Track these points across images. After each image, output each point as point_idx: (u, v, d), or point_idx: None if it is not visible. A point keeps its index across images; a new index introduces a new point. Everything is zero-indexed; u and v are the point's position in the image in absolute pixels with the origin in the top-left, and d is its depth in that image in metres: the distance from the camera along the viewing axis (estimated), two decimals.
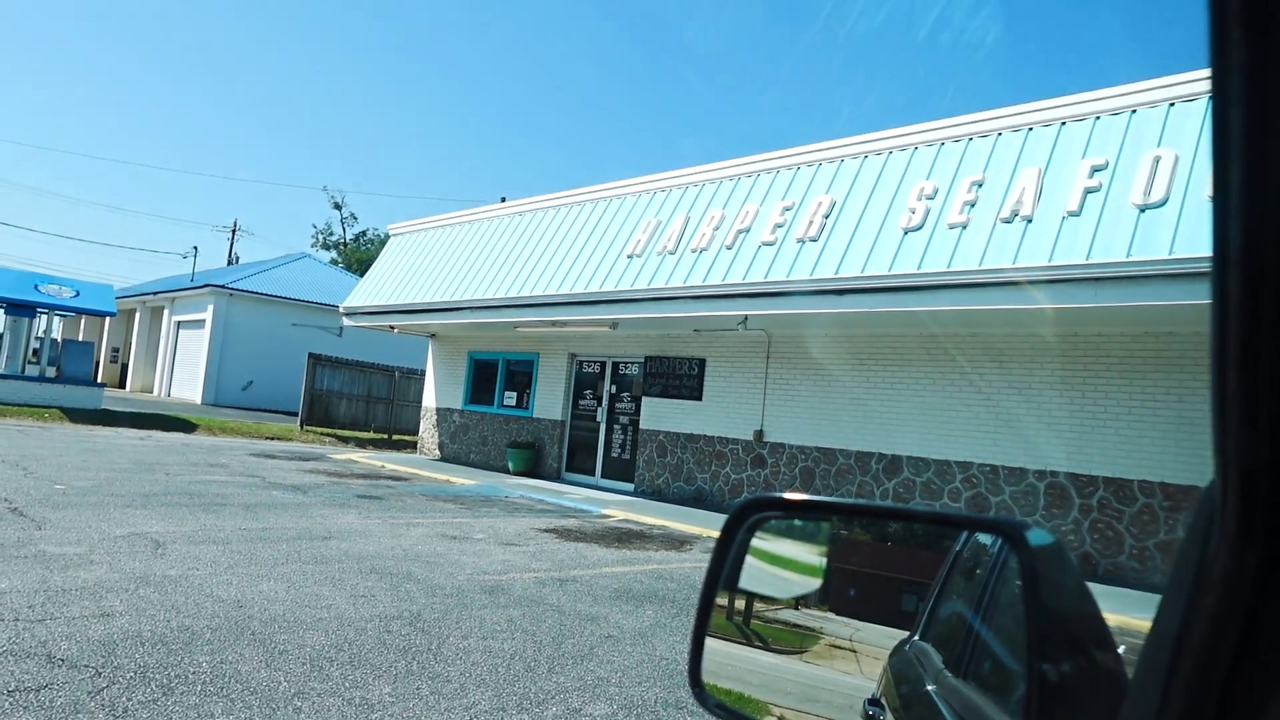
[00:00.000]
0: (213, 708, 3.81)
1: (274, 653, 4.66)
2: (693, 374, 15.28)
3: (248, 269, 37.91)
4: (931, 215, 10.53)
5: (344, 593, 6.18)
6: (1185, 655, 0.52)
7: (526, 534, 9.97)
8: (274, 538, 8.04)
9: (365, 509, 10.66)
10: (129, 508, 8.86)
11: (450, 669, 4.71)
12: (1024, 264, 9.36)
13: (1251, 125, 0.40)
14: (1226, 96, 0.40)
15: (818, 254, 11.42)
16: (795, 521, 0.99)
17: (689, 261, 13.11)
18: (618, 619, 6.24)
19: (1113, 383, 10.50)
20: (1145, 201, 8.72)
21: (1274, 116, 0.40)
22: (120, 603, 5.31)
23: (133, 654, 4.39)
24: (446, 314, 17.60)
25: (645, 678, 4.90)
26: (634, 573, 8.18)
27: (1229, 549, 0.50)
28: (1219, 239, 0.43)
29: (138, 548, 6.97)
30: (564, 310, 15.00)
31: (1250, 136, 0.40)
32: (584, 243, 15.36)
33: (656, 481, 15.56)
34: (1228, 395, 0.46)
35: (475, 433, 19.72)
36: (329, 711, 3.92)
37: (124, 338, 41.10)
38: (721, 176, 13.76)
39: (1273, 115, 0.40)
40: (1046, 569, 0.67)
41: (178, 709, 3.76)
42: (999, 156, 10.36)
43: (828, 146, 12.41)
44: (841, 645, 1.09)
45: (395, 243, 21.08)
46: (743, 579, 0.94)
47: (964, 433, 11.72)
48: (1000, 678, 0.86)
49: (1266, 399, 0.45)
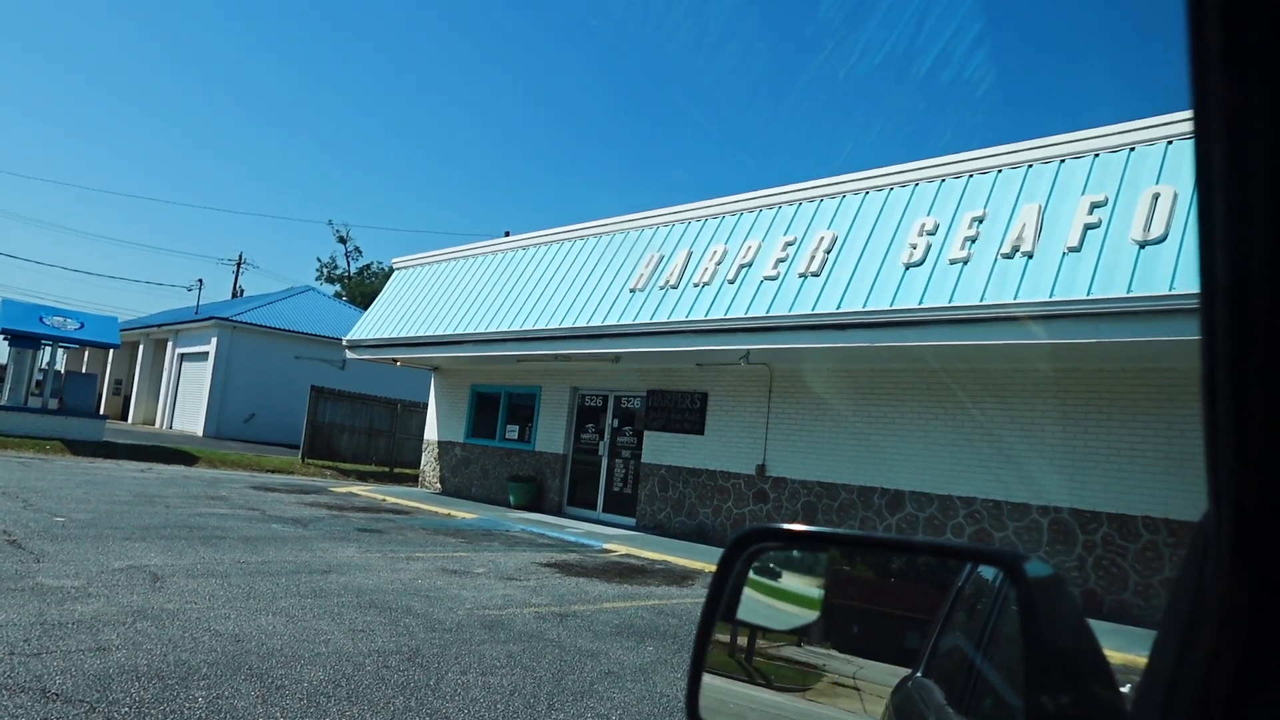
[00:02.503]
0: None
1: (271, 688, 4.61)
2: (695, 408, 15.26)
3: (252, 301, 38.07)
4: (933, 251, 10.58)
5: (342, 627, 6.13)
6: (1182, 687, 0.52)
7: (527, 568, 9.90)
8: (273, 571, 7.99)
9: (365, 543, 10.60)
10: (128, 540, 8.81)
11: (448, 705, 4.65)
12: (1025, 299, 9.38)
13: (1233, 160, 0.41)
14: (1208, 133, 0.41)
15: (820, 289, 11.46)
16: (794, 553, 0.99)
17: (691, 296, 13.16)
18: (618, 655, 6.18)
19: (1115, 418, 10.47)
20: (1145, 238, 8.77)
21: (1254, 151, 0.41)
22: (117, 636, 5.27)
23: (128, 689, 4.34)
24: (449, 347, 17.63)
25: (646, 715, 4.84)
26: (635, 608, 8.10)
27: (1224, 580, 0.50)
28: (1205, 272, 0.43)
29: (136, 581, 6.93)
30: (566, 344, 15.02)
31: (1232, 171, 0.41)
32: (587, 277, 15.43)
33: (658, 516, 15.48)
34: (1219, 427, 0.47)
35: (477, 466, 19.66)
36: None
37: (127, 370, 41.16)
38: (724, 212, 13.86)
39: (1252, 150, 0.40)
40: (1045, 601, 0.67)
41: None
42: (1000, 193, 10.43)
43: (830, 182, 12.50)
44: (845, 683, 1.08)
45: (399, 276, 21.18)
46: (741, 610, 0.94)
47: (966, 468, 11.67)
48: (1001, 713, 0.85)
49: (1257, 430, 0.46)
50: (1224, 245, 0.42)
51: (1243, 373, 0.45)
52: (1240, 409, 0.46)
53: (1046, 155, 10.21)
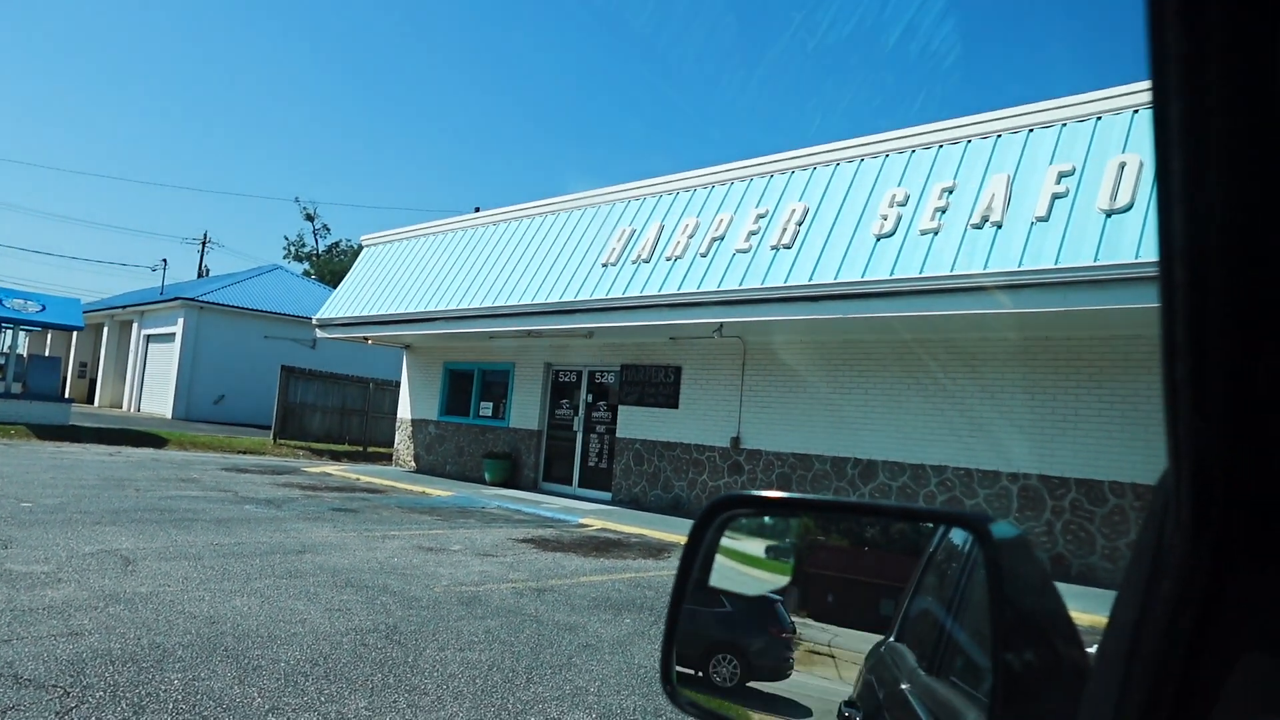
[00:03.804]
0: None
1: (247, 669, 4.59)
2: (669, 382, 15.29)
3: (218, 281, 37.51)
4: (903, 222, 10.63)
5: (319, 607, 6.12)
6: (1144, 640, 0.53)
7: (503, 545, 9.92)
8: (247, 553, 7.94)
9: (340, 522, 10.56)
10: (98, 524, 8.71)
11: (427, 681, 4.67)
12: (994, 269, 9.47)
13: (1189, 116, 0.41)
14: (1165, 91, 0.41)
15: (792, 261, 11.49)
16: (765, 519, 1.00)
17: (664, 270, 13.14)
18: (596, 628, 6.22)
19: (1083, 385, 10.63)
20: (1111, 207, 8.86)
21: (1210, 109, 0.41)
22: (89, 621, 5.22)
23: (102, 673, 4.31)
24: (421, 325, 17.50)
25: (624, 686, 4.88)
26: (612, 581, 8.15)
27: (1184, 536, 0.51)
28: (1164, 229, 0.44)
29: (107, 565, 6.85)
30: (539, 320, 14.97)
31: (1189, 127, 0.41)
32: (559, 252, 15.35)
33: (634, 490, 15.54)
34: (1177, 384, 0.47)
35: (451, 444, 19.60)
36: None
37: (92, 352, 40.47)
38: (696, 184, 13.81)
39: (1209, 105, 0.41)
40: (1011, 562, 0.68)
41: None
42: (969, 163, 10.48)
43: (801, 154, 12.50)
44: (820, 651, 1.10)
45: (368, 253, 20.95)
46: (714, 577, 0.95)
47: (938, 437, 11.81)
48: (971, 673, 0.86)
49: (1215, 387, 0.46)
50: (1182, 204, 0.42)
51: (1200, 330, 0.45)
52: (1198, 367, 0.46)
53: (1015, 125, 10.27)
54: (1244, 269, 0.43)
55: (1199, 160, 0.41)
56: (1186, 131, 0.41)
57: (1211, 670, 0.51)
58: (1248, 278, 0.43)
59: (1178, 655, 0.52)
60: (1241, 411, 0.47)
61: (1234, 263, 0.43)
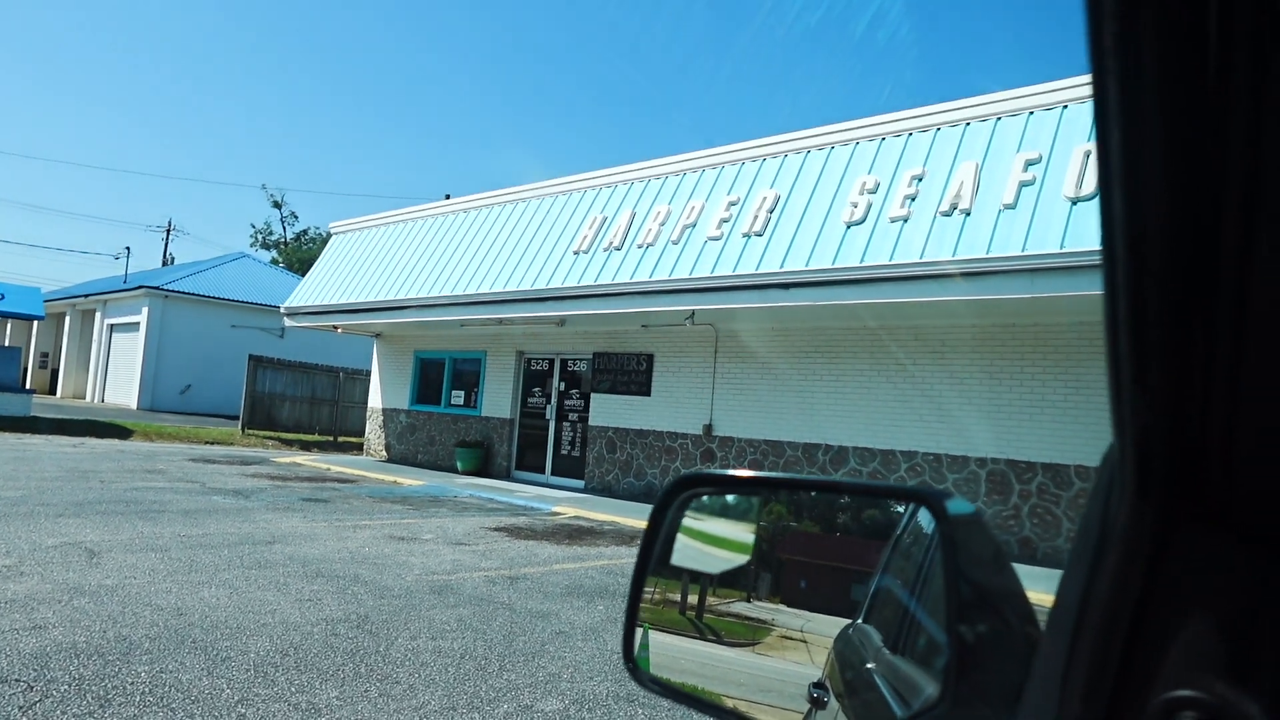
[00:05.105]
0: (152, 718, 3.71)
1: (216, 660, 4.55)
2: (641, 369, 15.30)
3: (184, 269, 36.91)
4: (874, 210, 10.70)
5: (289, 597, 6.07)
6: (1091, 607, 0.54)
7: (476, 533, 9.90)
8: (215, 544, 7.86)
9: (310, 512, 10.47)
10: (61, 517, 8.57)
11: (399, 670, 4.65)
12: (963, 256, 9.57)
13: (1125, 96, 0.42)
14: (1102, 69, 0.42)
15: (763, 248, 11.52)
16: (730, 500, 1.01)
17: (635, 257, 13.13)
18: (569, 615, 6.23)
19: (1049, 371, 10.79)
20: (1077, 194, 8.98)
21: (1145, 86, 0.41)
22: (53, 614, 5.14)
23: (67, 666, 4.25)
24: (391, 313, 17.36)
25: (597, 672, 4.90)
26: (585, 569, 8.17)
27: (1128, 507, 0.52)
28: (1104, 201, 0.44)
29: (71, 558, 6.75)
30: (511, 308, 14.90)
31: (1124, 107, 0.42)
32: (530, 239, 15.27)
33: (606, 478, 15.56)
34: (1120, 356, 0.48)
35: (423, 433, 19.50)
36: (274, 717, 3.84)
37: (54, 342, 39.71)
38: (667, 172, 13.80)
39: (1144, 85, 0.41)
40: (965, 537, 0.70)
41: None
42: (938, 151, 10.56)
43: (772, 141, 12.52)
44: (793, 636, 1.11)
45: (337, 241, 20.72)
46: (675, 556, 0.96)
47: (907, 423, 11.94)
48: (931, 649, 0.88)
49: (1156, 358, 0.47)
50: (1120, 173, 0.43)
51: (1142, 302, 0.46)
52: (1140, 338, 0.47)
53: (983, 114, 10.36)
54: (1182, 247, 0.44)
55: (1136, 133, 0.42)
56: (1122, 112, 0.41)
57: (1157, 633, 0.53)
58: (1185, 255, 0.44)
59: (1123, 619, 0.53)
60: (1180, 382, 0.48)
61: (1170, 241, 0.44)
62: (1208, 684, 0.50)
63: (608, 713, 4.28)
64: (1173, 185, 0.43)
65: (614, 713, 4.29)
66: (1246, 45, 0.38)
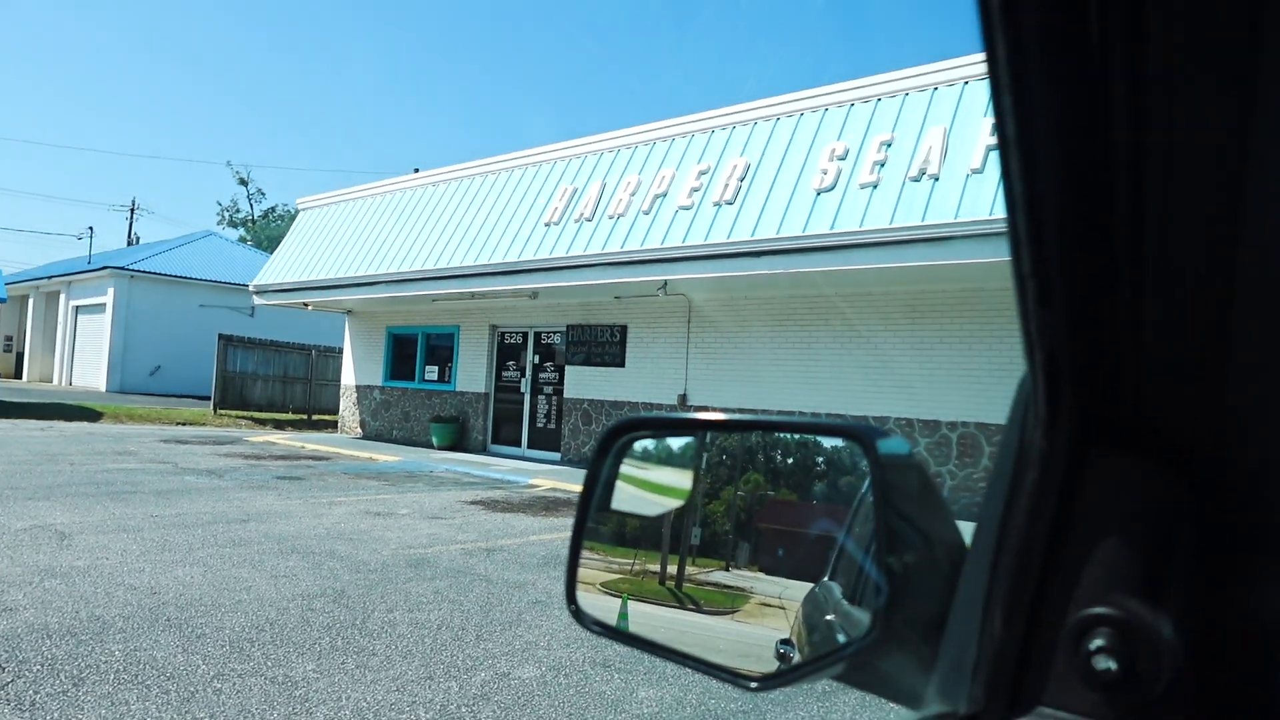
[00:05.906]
0: (127, 695, 3.70)
1: (191, 637, 4.54)
2: (615, 341, 15.30)
3: (149, 249, 36.29)
4: (843, 176, 10.71)
5: (264, 574, 6.06)
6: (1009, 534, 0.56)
7: (452, 507, 9.90)
8: (188, 523, 7.81)
9: (285, 490, 10.43)
10: (30, 500, 8.47)
11: (375, 643, 4.67)
12: (932, 221, 9.62)
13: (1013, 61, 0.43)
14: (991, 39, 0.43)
15: (734, 217, 11.51)
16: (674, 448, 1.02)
17: (607, 228, 13.07)
18: (546, 585, 6.27)
19: (1016, 334, 10.90)
20: None
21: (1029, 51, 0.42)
22: (23, 596, 5.10)
23: (39, 647, 4.23)
24: (362, 289, 17.20)
25: (573, 639, 4.94)
26: (562, 540, 8.21)
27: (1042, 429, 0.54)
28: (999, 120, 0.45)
29: (41, 540, 6.69)
30: (483, 281, 14.81)
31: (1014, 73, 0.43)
32: (500, 212, 15.15)
33: (583, 450, 15.59)
34: (1024, 277, 0.49)
35: (397, 409, 19.41)
36: (251, 691, 3.85)
37: (17, 325, 38.99)
38: (637, 142, 13.71)
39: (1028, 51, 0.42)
40: (894, 472, 0.72)
41: (89, 699, 3.64)
42: (906, 116, 10.57)
43: (742, 109, 12.47)
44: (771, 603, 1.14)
45: (305, 217, 20.44)
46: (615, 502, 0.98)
47: (880, 389, 12.05)
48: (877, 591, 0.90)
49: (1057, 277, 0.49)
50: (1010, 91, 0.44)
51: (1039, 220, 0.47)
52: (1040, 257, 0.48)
53: (951, 78, 10.37)
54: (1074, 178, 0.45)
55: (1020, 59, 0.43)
56: (1013, 77, 0.43)
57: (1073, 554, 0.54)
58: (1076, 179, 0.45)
59: (1040, 542, 0.55)
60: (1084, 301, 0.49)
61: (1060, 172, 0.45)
62: (1121, 602, 0.52)
63: (584, 678, 4.33)
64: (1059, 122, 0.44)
65: (590, 678, 4.34)
66: (1123, 13, 0.40)
